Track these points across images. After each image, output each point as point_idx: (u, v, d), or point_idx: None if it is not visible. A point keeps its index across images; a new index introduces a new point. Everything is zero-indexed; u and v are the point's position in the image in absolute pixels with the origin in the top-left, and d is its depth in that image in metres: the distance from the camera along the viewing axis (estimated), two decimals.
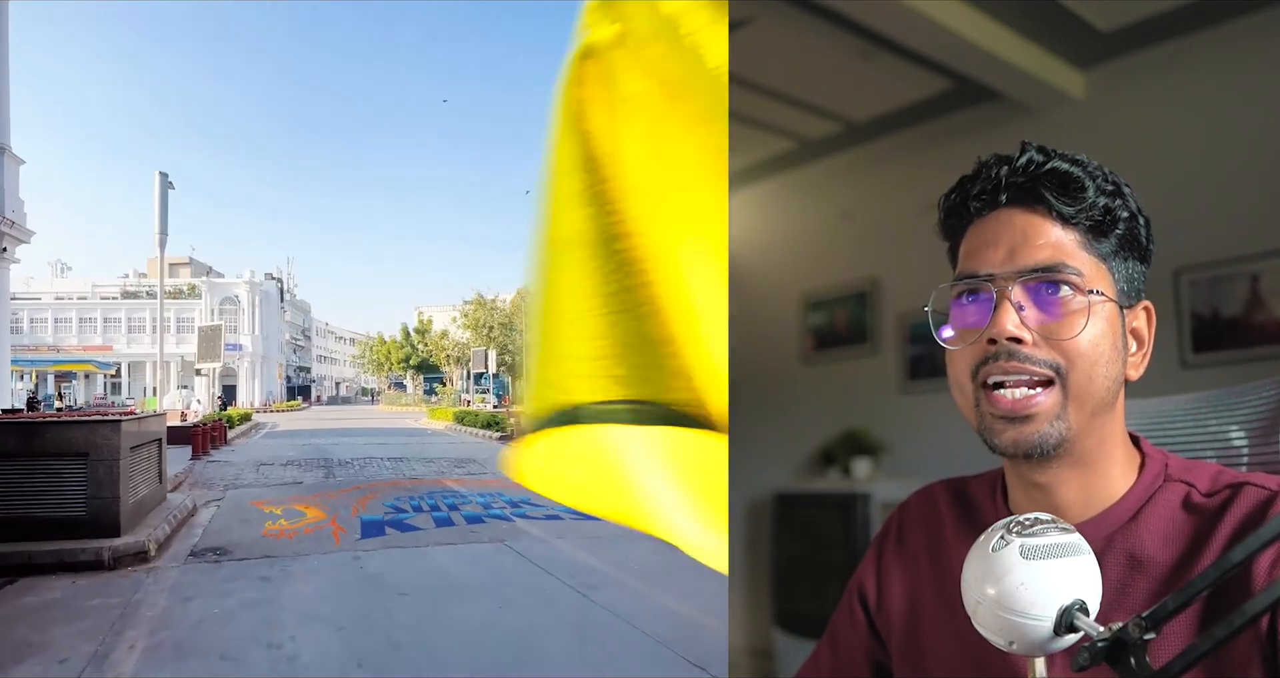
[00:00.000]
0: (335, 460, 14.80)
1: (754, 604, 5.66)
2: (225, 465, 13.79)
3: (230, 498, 9.78)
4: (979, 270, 1.06)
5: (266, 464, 13.99)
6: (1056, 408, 1.02)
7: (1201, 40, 4.52)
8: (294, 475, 12.26)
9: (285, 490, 10.55)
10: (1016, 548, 0.90)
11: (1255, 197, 4.26)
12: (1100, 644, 0.83)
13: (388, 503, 9.22)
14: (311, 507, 8.99)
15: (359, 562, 6.18)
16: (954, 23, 4.49)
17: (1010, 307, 1.02)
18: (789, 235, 6.44)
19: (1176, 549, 1.03)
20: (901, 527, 1.32)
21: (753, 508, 5.89)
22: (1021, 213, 1.06)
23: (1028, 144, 1.08)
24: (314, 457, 15.64)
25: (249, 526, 7.76)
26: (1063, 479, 1.08)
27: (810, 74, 5.14)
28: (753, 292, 6.51)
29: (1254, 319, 4.35)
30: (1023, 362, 1.02)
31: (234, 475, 12.19)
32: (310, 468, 13.45)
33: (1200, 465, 1.10)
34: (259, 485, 11.02)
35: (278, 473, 12.64)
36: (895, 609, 1.27)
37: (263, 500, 9.50)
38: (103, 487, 6.43)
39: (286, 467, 13.64)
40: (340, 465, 13.92)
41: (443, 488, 10.73)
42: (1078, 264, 1.03)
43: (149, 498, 7.51)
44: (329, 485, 11.05)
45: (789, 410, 6.12)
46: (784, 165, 6.24)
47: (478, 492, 10.21)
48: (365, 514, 8.39)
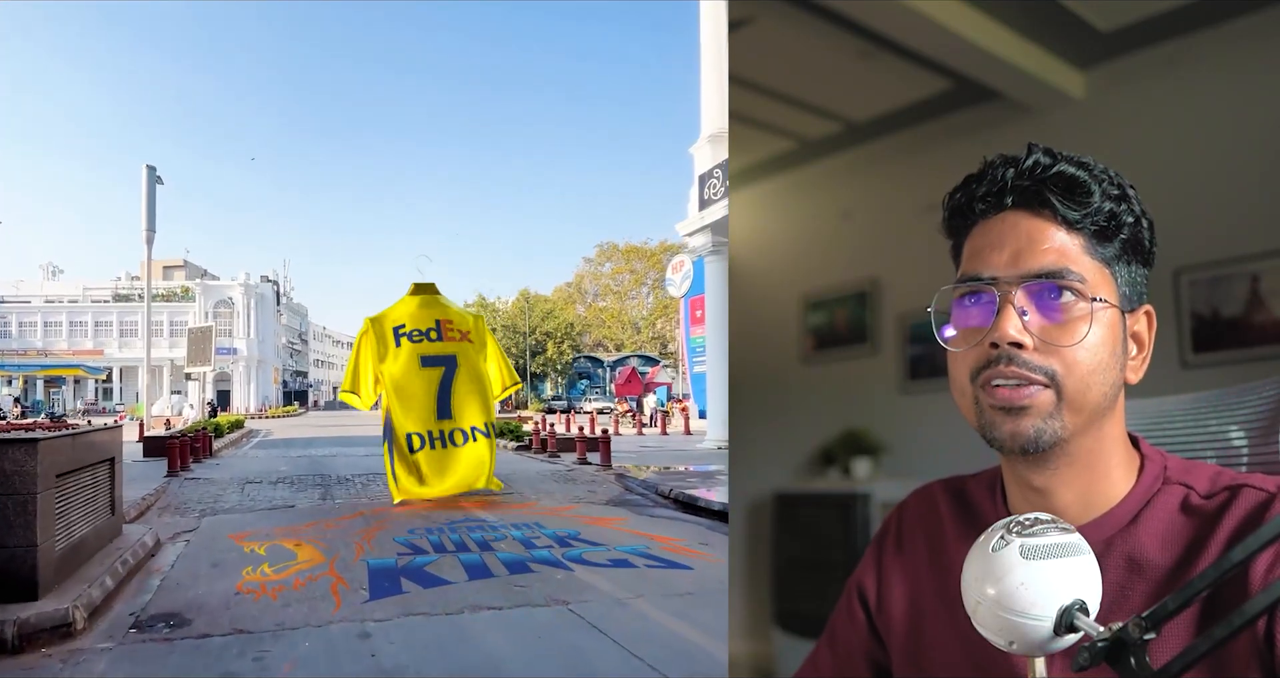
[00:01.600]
0: (333, 477, 13.04)
1: (754, 604, 5.66)
2: (206, 484, 12.05)
3: (205, 528, 8.06)
4: (982, 273, 1.08)
5: (254, 482, 12.29)
6: (1050, 406, 1.03)
7: (1201, 40, 4.52)
8: (285, 496, 10.58)
9: (273, 518, 8.76)
10: (1016, 548, 0.90)
11: (1255, 197, 4.26)
12: (1100, 644, 0.83)
13: (400, 538, 7.34)
14: (304, 543, 7.19)
15: (369, 644, 4.33)
16: (954, 23, 4.49)
17: (1013, 311, 1.04)
18: (789, 235, 6.44)
19: (1175, 552, 1.04)
20: (900, 527, 1.32)
21: (753, 508, 5.89)
22: (1026, 216, 1.08)
23: (1034, 146, 1.08)
24: (309, 472, 13.83)
25: (222, 574, 6.01)
26: (1061, 482, 1.08)
27: (810, 74, 5.14)
28: (753, 292, 6.50)
29: (1254, 319, 4.34)
30: (1021, 367, 1.03)
31: (214, 497, 10.60)
32: (304, 487, 11.71)
33: (1199, 467, 1.10)
34: (242, 510, 9.38)
35: (266, 493, 10.91)
36: (896, 609, 1.27)
37: (244, 533, 7.72)
38: (11, 531, 4.62)
39: (277, 485, 11.90)
40: (339, 483, 12.09)
41: (464, 514, 8.74)
42: (1081, 269, 1.04)
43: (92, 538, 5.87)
44: (326, 511, 9.29)
45: (789, 410, 6.11)
46: (784, 165, 6.24)
47: (510, 522, 8.19)
48: (373, 558, 6.53)
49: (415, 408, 10.28)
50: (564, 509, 9.43)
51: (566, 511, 9.33)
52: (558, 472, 13.56)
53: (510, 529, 7.79)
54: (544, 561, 6.44)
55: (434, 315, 10.64)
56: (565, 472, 13.55)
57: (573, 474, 13.17)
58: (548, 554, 6.67)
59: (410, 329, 10.49)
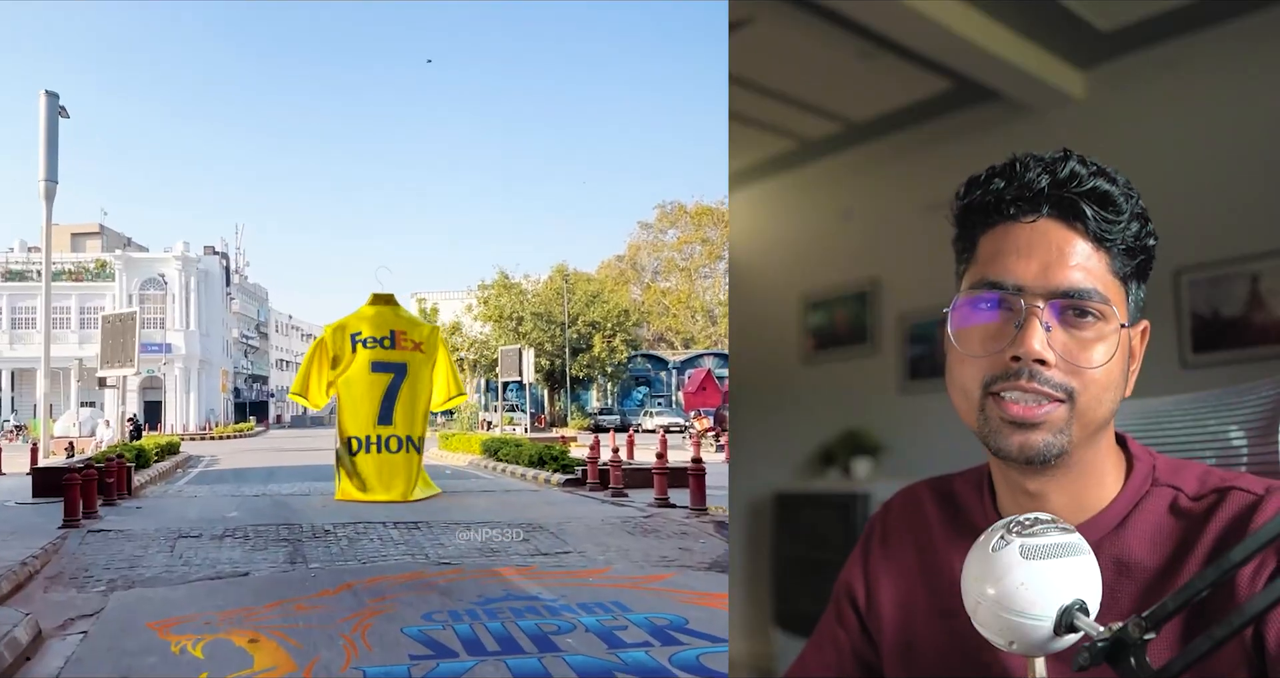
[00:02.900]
0: (306, 528, 8.85)
1: (754, 604, 5.66)
2: (119, 539, 8.23)
3: (114, 612, 5.40)
4: (1006, 280, 1.04)
5: (189, 536, 8.38)
6: (1063, 422, 1.02)
7: (1201, 40, 4.53)
8: (235, 560, 7.16)
9: (218, 595, 5.87)
10: (1016, 548, 0.90)
11: (1255, 197, 4.27)
12: (1100, 644, 0.83)
13: (411, 629, 4.87)
14: (264, 638, 4.79)
15: None
16: (954, 23, 4.50)
17: (1039, 326, 1.01)
18: (789, 235, 6.44)
19: (1164, 554, 1.04)
20: (885, 529, 1.32)
21: (753, 508, 5.90)
22: (1058, 227, 1.05)
23: (1070, 153, 1.05)
24: (270, 520, 9.54)
25: None
26: (1055, 487, 1.08)
27: (810, 74, 5.15)
28: (753, 292, 6.51)
29: (1254, 319, 4.35)
30: (1043, 384, 1.01)
31: (130, 559, 7.18)
32: (263, 543, 7.93)
33: (1188, 467, 1.10)
34: (170, 582, 6.33)
35: (207, 554, 7.42)
36: (886, 611, 1.27)
37: (172, 621, 5.16)
38: None
39: (223, 541, 8.05)
40: (315, 538, 8.23)
41: (507, 588, 5.97)
42: (1106, 289, 1.03)
43: None
44: (297, 583, 6.26)
45: (789, 410, 6.12)
46: (784, 165, 6.25)
47: (578, 601, 5.52)
48: (372, 665, 4.30)
49: (360, 411, 11.09)
50: (653, 580, 6.54)
51: (657, 581, 6.48)
52: (631, 519, 9.65)
53: (580, 614, 5.25)
54: (643, 670, 4.30)
55: (390, 325, 11.38)
56: (642, 519, 9.68)
57: (653, 522, 9.39)
58: (644, 658, 4.42)
59: (366, 336, 11.27)
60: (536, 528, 8.65)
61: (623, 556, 7.37)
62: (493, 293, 40.55)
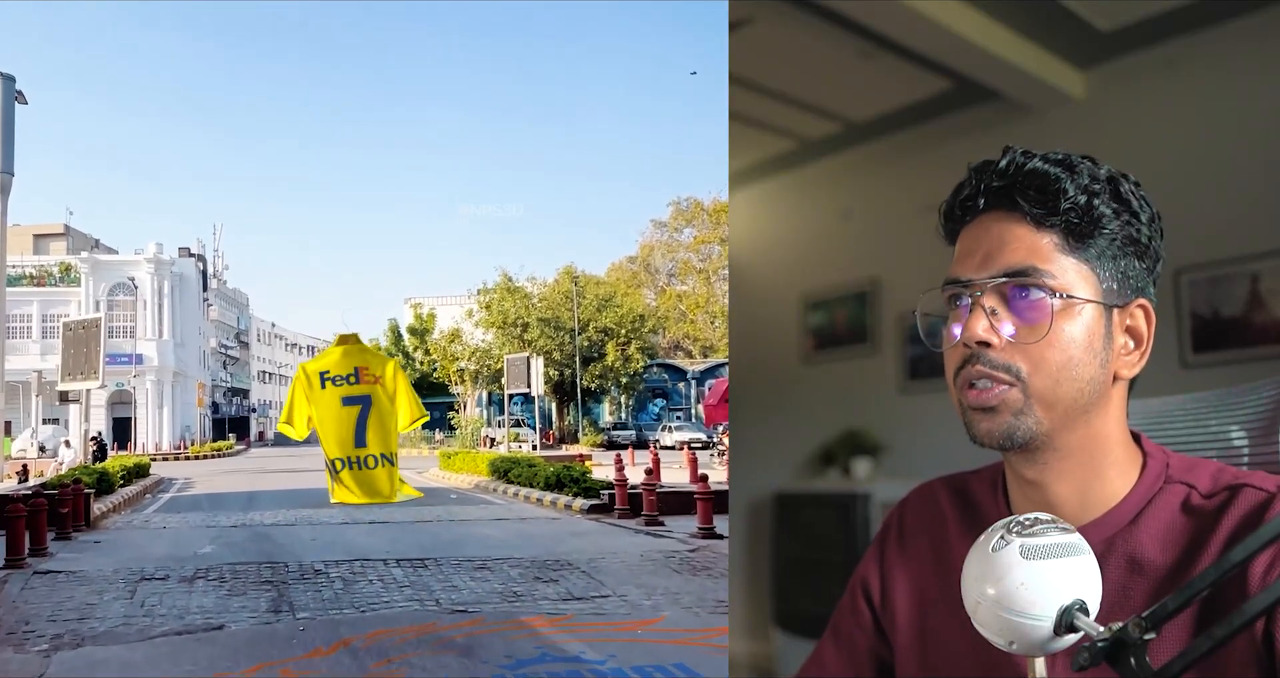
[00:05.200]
0: (292, 566, 7.65)
1: (754, 604, 5.66)
2: (71, 581, 7.07)
3: None
4: (960, 277, 1.09)
5: (154, 577, 7.19)
6: (1019, 404, 1.04)
7: (1201, 40, 4.53)
8: (208, 608, 6.08)
9: (186, 655, 4.94)
10: (1016, 548, 0.90)
11: (1255, 197, 4.27)
12: (1100, 644, 0.83)
13: None
14: None
15: None
16: (954, 23, 4.50)
17: (982, 312, 1.05)
18: (789, 235, 6.44)
19: (1176, 552, 1.04)
20: (903, 525, 1.33)
21: (753, 508, 5.90)
22: (999, 218, 1.09)
23: (1010, 148, 1.10)
24: (251, 557, 8.28)
25: None
26: (1054, 476, 1.09)
27: (810, 74, 5.15)
28: (753, 292, 6.51)
29: (1254, 319, 4.35)
30: (986, 366, 1.05)
31: (82, 608, 6.09)
32: (242, 586, 6.82)
33: (1201, 465, 1.10)
34: (129, 639, 5.27)
35: (174, 600, 6.31)
36: (900, 607, 1.28)
37: None
38: None
39: (194, 585, 6.90)
40: (303, 579, 7.08)
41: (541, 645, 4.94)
42: (1052, 267, 1.05)
43: None
44: (282, 639, 5.24)
45: (789, 410, 6.12)
46: (784, 165, 6.25)
47: (631, 662, 4.50)
48: None
49: (339, 439, 13.33)
50: (717, 634, 5.37)
51: (721, 635, 5.39)
52: (675, 554, 8.20)
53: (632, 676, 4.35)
54: None
55: (353, 363, 13.53)
56: (688, 553, 8.22)
57: (701, 558, 7.97)
58: None
59: (334, 375, 13.46)
60: (565, 565, 7.41)
61: (673, 601, 6.16)
62: (495, 297, 37.56)
